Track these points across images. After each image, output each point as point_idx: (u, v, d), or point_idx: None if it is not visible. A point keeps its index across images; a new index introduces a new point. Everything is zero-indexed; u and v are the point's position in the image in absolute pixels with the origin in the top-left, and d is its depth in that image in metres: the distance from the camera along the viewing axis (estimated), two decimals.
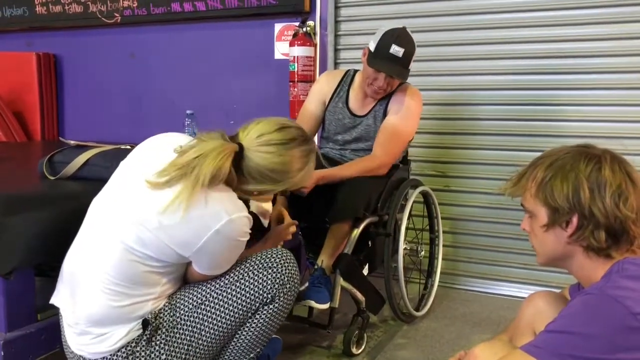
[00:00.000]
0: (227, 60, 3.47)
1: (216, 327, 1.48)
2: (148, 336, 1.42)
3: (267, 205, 1.84)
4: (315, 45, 3.13)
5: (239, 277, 1.51)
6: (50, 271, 1.71)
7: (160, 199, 1.34)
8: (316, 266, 2.09)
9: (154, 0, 3.55)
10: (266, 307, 1.51)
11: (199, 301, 1.48)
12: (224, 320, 1.49)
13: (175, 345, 1.46)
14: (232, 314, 1.49)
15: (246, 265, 1.53)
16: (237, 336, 1.54)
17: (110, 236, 1.38)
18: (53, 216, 1.61)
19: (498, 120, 2.84)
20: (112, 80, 3.86)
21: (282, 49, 3.26)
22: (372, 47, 2.18)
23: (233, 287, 1.50)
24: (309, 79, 3.10)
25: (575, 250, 1.17)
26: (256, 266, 1.52)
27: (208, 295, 1.49)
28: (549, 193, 1.15)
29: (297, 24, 3.14)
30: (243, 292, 1.49)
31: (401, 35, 2.15)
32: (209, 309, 1.48)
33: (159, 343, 1.44)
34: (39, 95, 3.89)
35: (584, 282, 1.21)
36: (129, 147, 1.95)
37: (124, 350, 1.40)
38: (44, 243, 1.57)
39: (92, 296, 1.38)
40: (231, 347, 1.55)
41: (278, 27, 3.26)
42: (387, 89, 2.25)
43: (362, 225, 2.14)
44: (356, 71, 2.43)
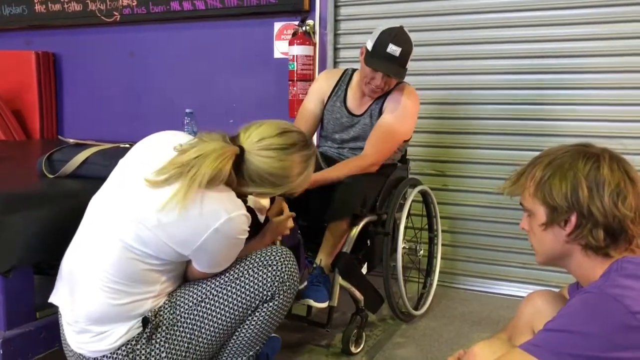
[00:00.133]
0: (226, 59, 3.46)
1: (216, 325, 1.49)
2: (148, 334, 1.42)
3: (264, 201, 1.84)
4: (314, 44, 3.13)
5: (239, 274, 1.51)
6: (49, 269, 1.71)
7: (158, 197, 1.34)
8: (315, 265, 2.09)
9: None
10: (266, 305, 1.52)
11: (199, 299, 1.48)
12: (223, 318, 1.49)
13: (176, 343, 1.46)
14: (231, 311, 1.49)
15: (246, 263, 1.53)
16: (236, 334, 1.54)
17: (109, 234, 1.38)
18: (52, 214, 1.61)
19: (497, 120, 2.84)
20: (111, 78, 3.86)
21: (281, 48, 3.26)
22: (369, 46, 2.18)
23: (233, 285, 1.50)
24: (308, 78, 3.10)
25: (574, 249, 1.17)
26: (256, 264, 1.53)
27: (208, 293, 1.49)
28: (547, 192, 1.16)
29: (296, 22, 3.13)
30: (243, 290, 1.50)
31: (398, 35, 2.15)
32: (208, 306, 1.48)
33: (159, 341, 1.44)
34: (38, 94, 3.88)
35: (582, 281, 1.21)
36: (128, 145, 1.95)
37: (124, 348, 1.40)
38: (43, 241, 1.57)
39: (91, 294, 1.38)
40: (231, 344, 1.55)
41: (277, 26, 3.26)
42: (385, 87, 2.25)
43: (362, 224, 2.14)
44: (354, 70, 2.43)
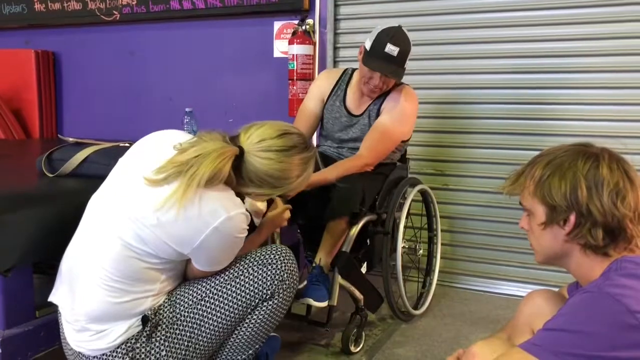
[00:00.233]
0: (226, 58, 3.46)
1: (216, 323, 1.49)
2: (148, 332, 1.42)
3: (261, 205, 1.84)
4: (314, 44, 3.13)
5: (238, 273, 1.51)
6: (49, 269, 1.71)
7: (157, 195, 1.35)
8: (314, 264, 2.09)
9: None
10: (265, 304, 1.52)
11: (198, 297, 1.49)
12: (223, 317, 1.49)
13: (175, 341, 1.46)
14: (231, 310, 1.49)
15: (245, 261, 1.53)
16: (236, 332, 1.54)
17: (108, 233, 1.38)
18: (51, 214, 1.61)
19: (496, 119, 2.84)
20: (111, 77, 3.86)
21: (281, 47, 3.25)
22: (367, 46, 2.18)
23: (232, 284, 1.50)
24: (308, 77, 3.10)
25: (573, 249, 1.17)
26: (255, 263, 1.53)
27: (207, 292, 1.49)
28: (546, 191, 1.16)
29: (296, 22, 3.13)
30: (242, 289, 1.50)
31: (396, 34, 2.15)
32: (208, 305, 1.48)
33: (158, 339, 1.44)
34: (37, 93, 3.88)
35: (582, 280, 1.21)
36: (127, 144, 1.95)
37: (123, 346, 1.41)
38: (42, 241, 1.57)
39: (91, 293, 1.39)
40: (230, 343, 1.55)
41: (277, 25, 3.26)
42: (383, 87, 2.25)
43: (361, 223, 2.14)
44: (354, 70, 2.43)
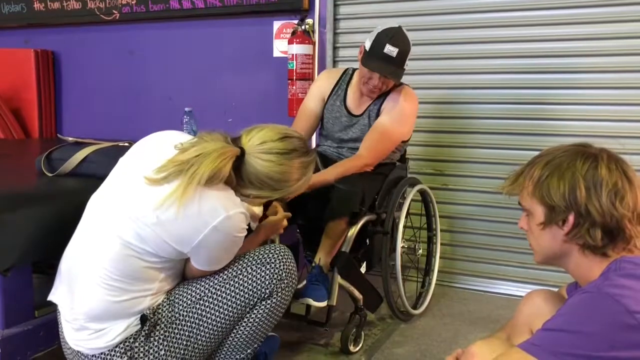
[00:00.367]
0: (225, 58, 3.46)
1: (214, 323, 1.49)
2: (147, 331, 1.42)
3: (257, 209, 1.85)
4: (314, 43, 3.12)
5: (237, 272, 1.51)
6: (48, 268, 1.71)
7: (157, 194, 1.35)
8: (314, 264, 2.09)
9: None
10: (264, 302, 1.52)
11: (197, 297, 1.49)
12: (222, 316, 1.49)
13: (174, 340, 1.46)
14: (230, 309, 1.50)
15: (244, 261, 1.54)
16: (234, 331, 1.54)
17: (108, 232, 1.39)
18: (51, 213, 1.61)
19: (496, 119, 2.84)
20: (110, 77, 3.85)
21: (280, 47, 3.25)
22: (367, 46, 2.18)
23: (231, 283, 1.50)
24: (307, 77, 3.10)
25: (572, 249, 1.17)
26: (254, 262, 1.53)
27: (206, 291, 1.49)
28: (545, 191, 1.16)
29: (296, 21, 3.13)
30: (241, 288, 1.50)
31: (396, 35, 2.14)
32: (207, 304, 1.49)
33: (157, 338, 1.44)
34: (37, 92, 3.88)
35: (580, 280, 1.21)
36: (127, 144, 1.95)
37: (122, 345, 1.41)
38: (41, 240, 1.57)
39: (90, 291, 1.39)
40: (229, 342, 1.56)
41: (277, 24, 3.26)
42: (383, 87, 2.24)
43: (360, 223, 2.14)
44: (355, 70, 2.43)
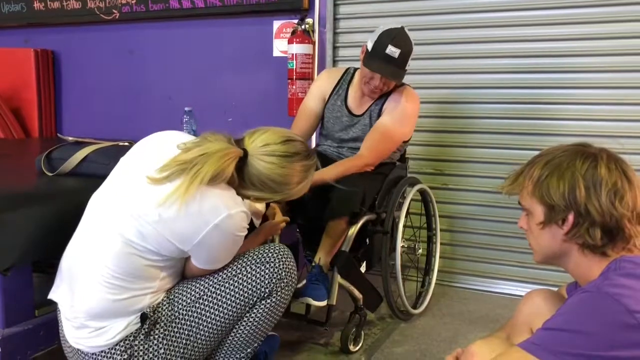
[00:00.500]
0: (225, 57, 3.46)
1: (214, 321, 1.49)
2: (146, 330, 1.43)
3: (259, 206, 1.87)
4: (313, 43, 3.12)
5: (237, 271, 1.52)
6: (48, 267, 1.71)
7: (159, 192, 1.36)
8: (314, 263, 2.09)
9: None
10: (264, 302, 1.53)
11: (197, 295, 1.49)
12: (221, 315, 1.50)
13: (174, 339, 1.46)
14: (230, 308, 1.50)
15: (244, 260, 1.54)
16: (234, 330, 1.54)
17: (109, 230, 1.39)
18: (51, 213, 1.61)
19: (496, 119, 2.85)
20: (110, 77, 3.85)
21: (280, 47, 3.25)
22: (369, 46, 2.18)
23: (231, 282, 1.51)
24: (307, 77, 3.10)
25: (571, 248, 1.17)
26: (254, 261, 1.53)
27: (206, 290, 1.50)
28: (545, 191, 1.16)
29: (295, 21, 3.13)
30: (241, 287, 1.50)
31: (398, 36, 2.14)
32: (207, 303, 1.49)
33: (157, 337, 1.44)
34: (36, 92, 3.88)
35: (580, 280, 1.21)
36: (127, 143, 1.95)
37: (122, 343, 1.41)
38: (41, 240, 1.57)
39: (90, 290, 1.39)
40: (229, 341, 1.56)
41: (277, 24, 3.25)
42: (384, 88, 2.24)
43: (360, 223, 2.14)
44: (356, 69, 2.42)
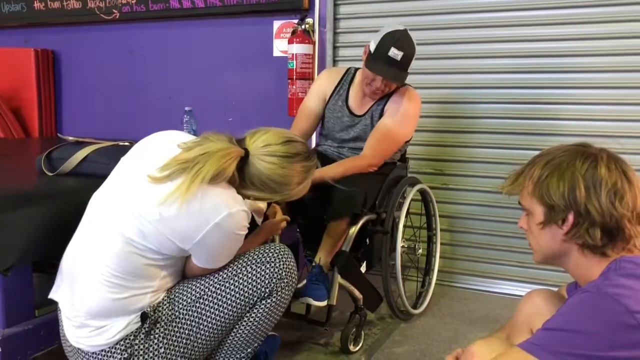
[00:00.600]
0: (225, 57, 3.46)
1: (214, 321, 1.49)
2: (147, 329, 1.43)
3: (261, 204, 1.87)
4: (314, 43, 3.12)
5: (237, 271, 1.52)
6: (49, 267, 1.71)
7: (160, 191, 1.36)
8: (314, 264, 2.09)
9: None
10: (264, 302, 1.53)
11: (197, 295, 1.49)
12: (222, 314, 1.50)
13: (174, 338, 1.47)
14: (230, 307, 1.50)
15: (244, 259, 1.54)
16: (234, 330, 1.55)
17: (110, 229, 1.39)
18: (51, 212, 1.61)
19: (496, 119, 2.85)
20: (110, 76, 3.85)
21: (280, 47, 3.25)
22: (372, 48, 2.17)
23: (231, 281, 1.51)
24: (307, 77, 3.10)
25: (571, 248, 1.17)
26: (254, 260, 1.54)
27: (206, 289, 1.50)
28: (545, 191, 1.16)
29: (295, 21, 3.13)
30: (241, 286, 1.51)
31: (401, 38, 2.13)
32: (207, 302, 1.49)
33: (157, 336, 1.45)
34: (37, 92, 3.88)
35: (580, 280, 1.21)
36: (127, 143, 1.96)
37: (122, 342, 1.41)
38: (42, 240, 1.57)
39: (91, 289, 1.39)
40: (229, 340, 1.56)
41: (277, 24, 3.25)
42: (385, 90, 2.24)
43: (360, 223, 2.14)
44: (357, 69, 2.42)
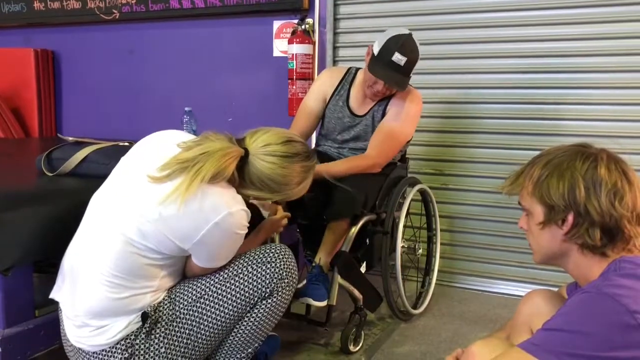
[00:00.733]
0: (225, 58, 3.46)
1: (215, 321, 1.50)
2: (147, 329, 1.43)
3: None
4: (314, 43, 3.12)
5: (238, 271, 1.52)
6: (49, 267, 1.71)
7: (160, 191, 1.36)
8: (314, 264, 2.09)
9: None
10: (264, 302, 1.53)
11: (198, 295, 1.49)
12: (222, 314, 1.50)
13: (175, 338, 1.47)
14: (230, 307, 1.50)
15: (245, 259, 1.54)
16: (235, 330, 1.55)
17: (110, 228, 1.39)
18: (51, 213, 1.61)
19: (496, 119, 2.84)
20: (110, 76, 3.85)
21: (280, 47, 3.25)
22: (375, 50, 2.15)
23: (232, 281, 1.51)
24: (307, 77, 3.10)
25: (571, 249, 1.17)
26: (255, 261, 1.54)
27: (207, 289, 1.50)
28: (545, 191, 1.16)
29: (295, 21, 3.13)
30: (242, 286, 1.51)
31: (405, 44, 2.11)
32: (208, 302, 1.49)
33: (158, 336, 1.45)
34: (36, 92, 3.88)
35: (580, 280, 1.21)
36: (127, 143, 1.96)
37: (123, 342, 1.41)
38: (42, 240, 1.57)
39: (91, 288, 1.39)
40: (229, 341, 1.56)
41: (277, 24, 3.25)
42: (386, 92, 2.23)
43: (360, 223, 2.14)
44: (358, 69, 2.42)
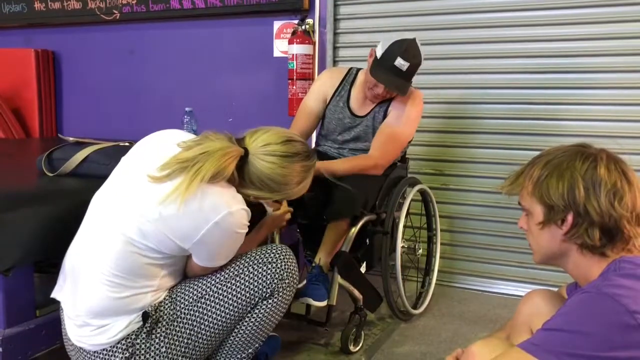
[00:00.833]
0: (226, 58, 3.46)
1: (216, 321, 1.50)
2: (148, 328, 1.43)
3: None
4: (314, 43, 3.13)
5: (239, 271, 1.52)
6: (50, 267, 1.72)
7: (160, 190, 1.37)
8: (314, 264, 2.09)
9: None
10: (265, 302, 1.53)
11: (199, 295, 1.50)
12: (223, 314, 1.50)
13: (175, 338, 1.47)
14: (231, 307, 1.50)
15: (245, 260, 1.55)
16: (235, 330, 1.55)
17: (111, 228, 1.40)
18: (52, 213, 1.61)
19: (496, 119, 2.84)
20: (110, 77, 3.86)
21: (281, 47, 3.26)
22: (378, 53, 2.15)
23: (233, 282, 1.51)
24: (307, 77, 3.10)
25: (571, 249, 1.18)
26: (255, 261, 1.54)
27: (208, 289, 1.50)
28: (544, 191, 1.16)
29: (296, 21, 3.13)
30: (242, 287, 1.51)
31: (409, 49, 2.11)
32: (208, 302, 1.49)
33: (159, 335, 1.45)
34: (37, 92, 3.88)
35: (580, 280, 1.21)
36: (127, 144, 1.96)
37: (124, 342, 1.42)
38: (42, 240, 1.57)
39: (92, 288, 1.40)
40: (230, 341, 1.56)
41: (277, 24, 3.26)
42: (387, 96, 2.23)
43: (360, 223, 2.14)
44: (359, 70, 2.42)
